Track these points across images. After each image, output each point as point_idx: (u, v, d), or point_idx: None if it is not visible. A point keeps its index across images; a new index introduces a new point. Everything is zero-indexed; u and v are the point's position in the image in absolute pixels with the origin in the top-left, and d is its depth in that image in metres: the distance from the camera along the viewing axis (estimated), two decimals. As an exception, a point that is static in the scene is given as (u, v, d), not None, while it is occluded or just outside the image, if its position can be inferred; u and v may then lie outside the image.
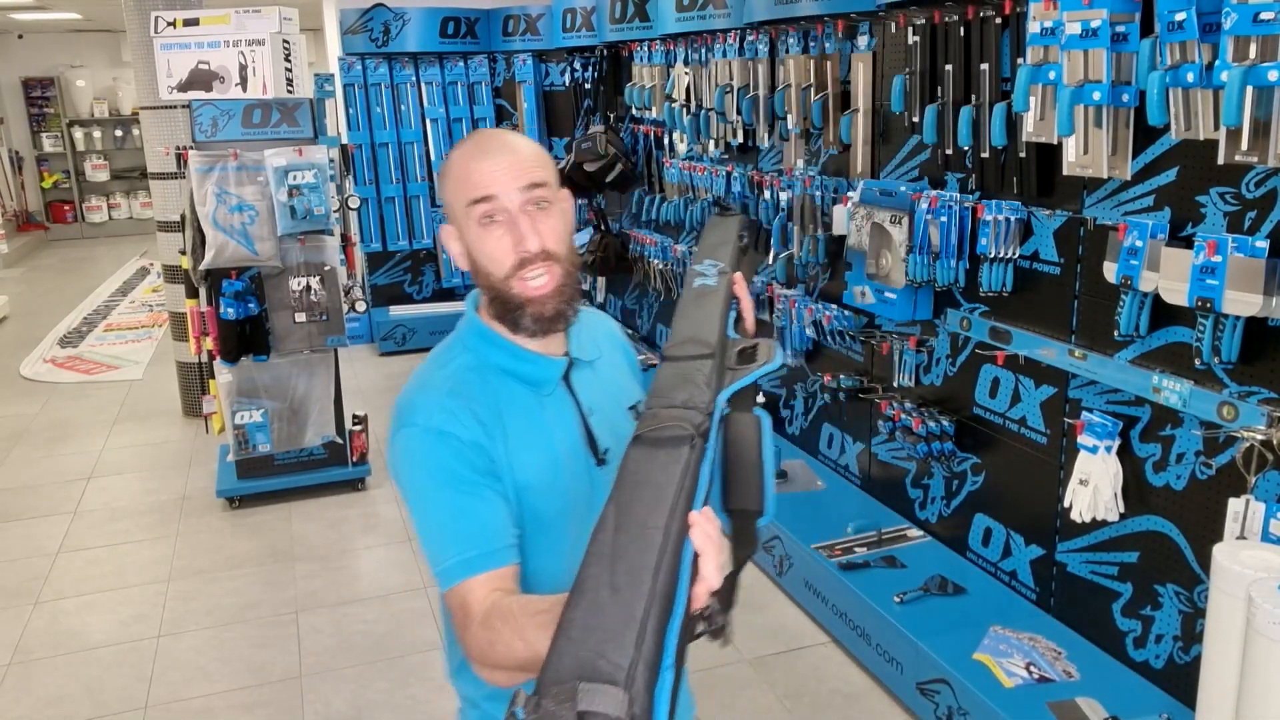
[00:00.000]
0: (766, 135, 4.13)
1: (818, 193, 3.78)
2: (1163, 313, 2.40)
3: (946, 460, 3.27)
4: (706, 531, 0.85)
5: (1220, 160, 2.10)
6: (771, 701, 3.02)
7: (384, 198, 6.91)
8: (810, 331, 3.95)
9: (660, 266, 5.37)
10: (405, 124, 6.84)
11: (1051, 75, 2.49)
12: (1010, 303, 2.94)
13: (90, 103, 12.85)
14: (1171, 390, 2.37)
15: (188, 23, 4.36)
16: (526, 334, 1.32)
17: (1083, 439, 2.64)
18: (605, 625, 0.77)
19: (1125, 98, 2.35)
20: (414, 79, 6.78)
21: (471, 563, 1.21)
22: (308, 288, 4.28)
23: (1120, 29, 2.30)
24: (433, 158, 6.95)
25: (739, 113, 4.21)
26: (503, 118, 6.93)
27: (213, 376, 4.46)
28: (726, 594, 0.88)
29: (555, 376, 1.35)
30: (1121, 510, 2.62)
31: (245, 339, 4.21)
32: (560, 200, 1.32)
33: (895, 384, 3.49)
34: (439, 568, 1.24)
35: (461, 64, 6.79)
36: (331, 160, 4.29)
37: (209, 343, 4.26)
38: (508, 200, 1.26)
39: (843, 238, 3.55)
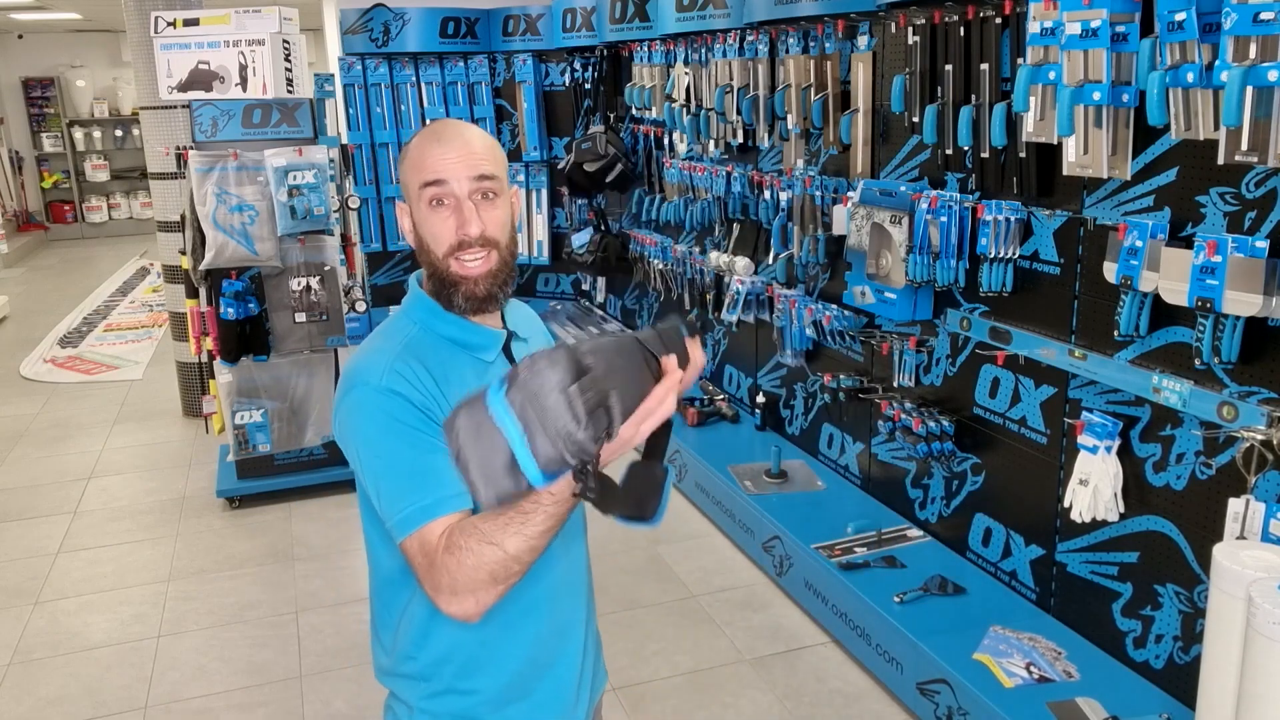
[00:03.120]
0: (766, 135, 4.13)
1: (818, 193, 3.78)
2: (1163, 313, 2.40)
3: (946, 460, 3.27)
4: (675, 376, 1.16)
5: (1220, 160, 2.10)
6: (771, 701, 3.02)
7: (384, 198, 6.90)
8: (810, 331, 3.95)
9: (660, 266, 5.36)
10: (405, 124, 6.83)
11: (1051, 75, 2.49)
12: (1010, 303, 2.94)
13: (90, 103, 12.85)
14: (1171, 390, 2.37)
15: (188, 23, 4.36)
16: (458, 311, 1.40)
17: (1083, 439, 2.64)
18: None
19: (1125, 98, 2.35)
20: (414, 79, 6.78)
21: (429, 509, 1.26)
22: (308, 288, 4.28)
23: (1120, 29, 2.30)
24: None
25: (739, 113, 4.21)
26: (503, 118, 6.92)
27: (213, 376, 4.46)
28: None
29: (497, 344, 1.44)
30: (1121, 510, 2.62)
31: (245, 339, 4.21)
32: (507, 194, 1.42)
33: (895, 384, 3.49)
34: (396, 517, 1.28)
35: (461, 64, 6.79)
36: (331, 160, 4.29)
37: (209, 343, 4.26)
38: (456, 186, 1.36)
39: (843, 238, 3.55)
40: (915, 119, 3.14)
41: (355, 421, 1.33)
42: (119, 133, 13.05)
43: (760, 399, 4.55)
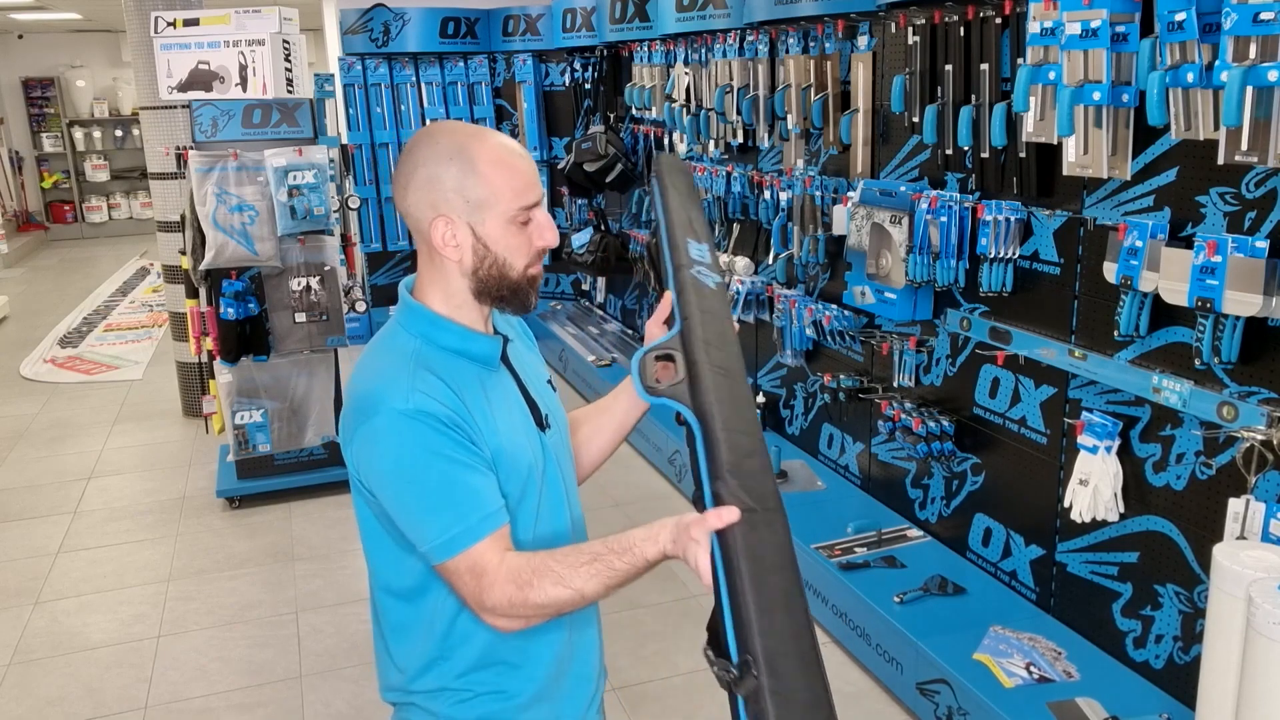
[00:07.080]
0: (766, 135, 4.13)
1: (818, 193, 3.78)
2: (1163, 313, 2.40)
3: (946, 460, 3.27)
4: None
5: (1220, 160, 2.10)
6: (771, 701, 3.02)
7: (384, 198, 6.91)
8: (810, 331, 3.95)
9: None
10: (405, 124, 6.84)
11: (1051, 75, 2.49)
12: (1010, 303, 2.94)
13: (90, 103, 12.84)
14: (1171, 390, 2.37)
15: (188, 23, 4.36)
16: (517, 310, 1.42)
17: (1083, 439, 2.64)
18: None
19: (1125, 98, 2.35)
20: (414, 79, 6.78)
21: (474, 528, 1.29)
22: (308, 288, 4.28)
23: (1120, 29, 2.30)
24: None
25: (739, 113, 4.21)
26: (503, 118, 6.93)
27: (213, 376, 4.46)
28: None
29: (499, 352, 1.44)
30: (1121, 510, 2.62)
31: (245, 339, 4.21)
32: None
33: (895, 384, 3.49)
34: (439, 539, 1.29)
35: (461, 64, 6.79)
36: (331, 160, 4.29)
37: (209, 343, 4.26)
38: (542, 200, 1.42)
39: (843, 238, 3.55)
40: (915, 119, 3.14)
41: (384, 448, 1.30)
42: (119, 133, 13.05)
43: (760, 399, 4.55)
